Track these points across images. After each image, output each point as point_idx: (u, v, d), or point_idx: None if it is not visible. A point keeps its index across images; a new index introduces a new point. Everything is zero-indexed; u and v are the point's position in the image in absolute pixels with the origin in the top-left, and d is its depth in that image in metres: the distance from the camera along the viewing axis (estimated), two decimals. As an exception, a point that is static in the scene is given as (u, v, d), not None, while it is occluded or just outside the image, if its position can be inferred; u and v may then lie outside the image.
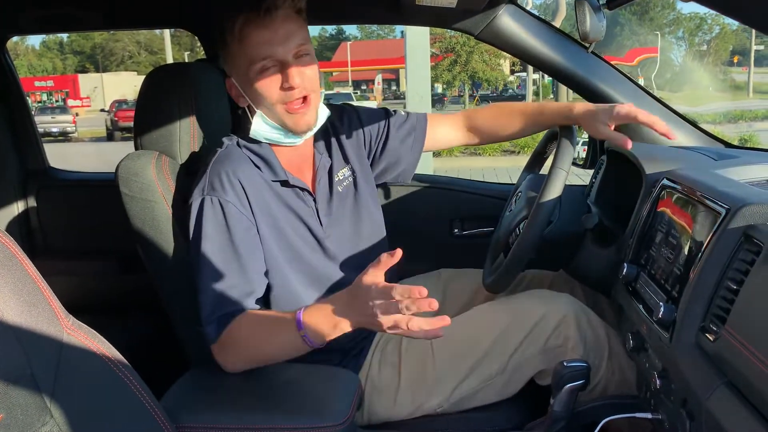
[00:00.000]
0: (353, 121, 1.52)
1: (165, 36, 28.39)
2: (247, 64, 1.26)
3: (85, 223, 2.14)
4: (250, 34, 1.24)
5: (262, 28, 1.23)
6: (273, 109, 1.29)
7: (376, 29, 66.33)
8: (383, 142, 1.54)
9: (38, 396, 0.77)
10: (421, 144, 1.58)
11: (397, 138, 1.55)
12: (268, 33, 1.24)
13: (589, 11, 1.48)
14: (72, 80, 44.36)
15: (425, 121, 1.59)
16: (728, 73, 43.47)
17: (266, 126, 1.32)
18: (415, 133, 1.57)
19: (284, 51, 1.25)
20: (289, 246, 1.32)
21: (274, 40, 1.24)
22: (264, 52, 1.24)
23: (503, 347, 1.33)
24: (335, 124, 1.48)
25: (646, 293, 1.11)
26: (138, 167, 1.32)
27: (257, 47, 1.24)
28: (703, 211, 0.99)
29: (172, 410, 1.02)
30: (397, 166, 1.58)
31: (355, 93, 32.40)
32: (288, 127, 1.30)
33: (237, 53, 1.27)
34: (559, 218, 1.35)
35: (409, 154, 1.57)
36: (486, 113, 1.60)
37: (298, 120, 1.30)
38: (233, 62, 1.30)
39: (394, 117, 1.56)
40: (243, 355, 1.19)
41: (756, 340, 0.76)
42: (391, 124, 1.55)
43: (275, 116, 1.30)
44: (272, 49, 1.24)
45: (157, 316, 1.52)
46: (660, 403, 1.06)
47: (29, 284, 0.78)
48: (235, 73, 1.32)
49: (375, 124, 1.55)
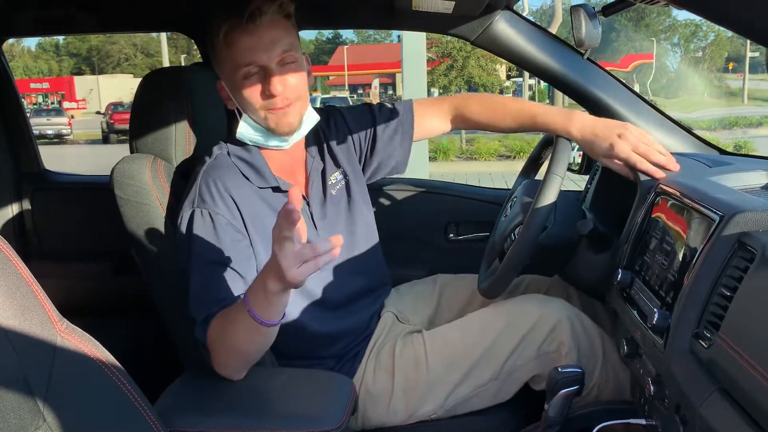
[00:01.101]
0: (340, 125, 1.52)
1: (162, 39, 28.39)
2: (232, 69, 1.27)
3: (79, 226, 2.13)
4: (236, 40, 1.24)
5: (246, 34, 1.23)
6: (258, 114, 1.29)
7: (373, 34, 66.39)
8: (371, 142, 1.53)
9: (31, 400, 0.77)
10: (409, 137, 1.55)
11: (385, 136, 1.53)
12: (253, 39, 1.23)
13: (584, 18, 1.48)
14: (68, 82, 44.33)
15: (411, 113, 1.56)
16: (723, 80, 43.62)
17: (250, 129, 1.32)
18: (402, 128, 1.54)
19: (268, 57, 1.24)
20: None
21: (258, 46, 1.24)
22: (248, 58, 1.24)
23: (497, 353, 1.33)
24: (323, 128, 1.48)
25: (640, 299, 1.11)
26: (133, 170, 1.32)
27: (241, 53, 1.24)
28: (698, 218, 0.99)
29: (166, 414, 1.02)
30: (390, 162, 1.56)
31: (352, 97, 32.41)
32: (270, 128, 1.30)
33: (224, 58, 1.28)
34: (554, 224, 1.35)
35: (399, 149, 1.56)
36: (477, 106, 1.54)
37: (280, 120, 1.29)
38: (221, 66, 1.31)
39: (379, 114, 1.54)
40: (223, 353, 1.17)
41: (749, 346, 0.76)
42: (378, 123, 1.53)
43: (259, 119, 1.30)
44: (256, 55, 1.24)
45: (151, 319, 1.52)
46: (654, 409, 1.06)
47: (23, 287, 0.78)
48: (224, 77, 1.32)
49: (362, 125, 1.53)
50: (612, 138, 1.31)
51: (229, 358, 1.18)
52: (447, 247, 2.03)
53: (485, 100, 1.56)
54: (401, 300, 1.59)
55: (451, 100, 1.59)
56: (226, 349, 1.17)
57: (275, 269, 0.99)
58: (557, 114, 1.40)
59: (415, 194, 2.02)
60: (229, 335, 1.14)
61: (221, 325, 1.16)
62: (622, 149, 1.30)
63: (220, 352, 1.17)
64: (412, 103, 1.58)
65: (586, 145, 1.36)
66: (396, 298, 1.58)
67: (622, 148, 1.30)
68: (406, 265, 1.89)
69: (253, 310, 1.07)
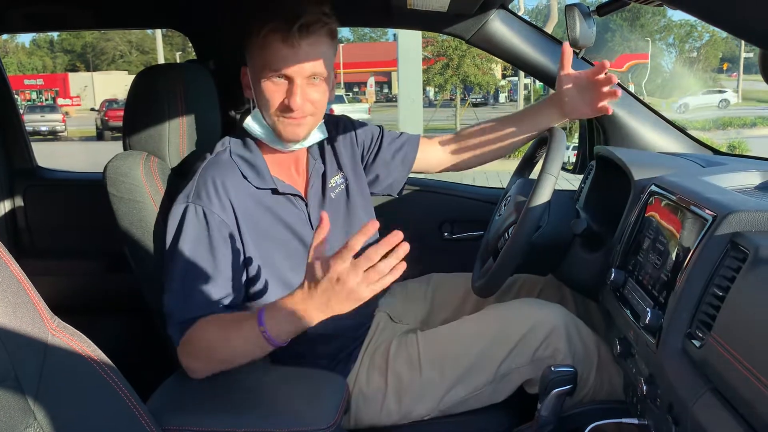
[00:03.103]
0: (348, 131, 1.53)
1: (157, 36, 28.33)
2: (262, 66, 1.25)
3: (72, 224, 2.13)
4: (274, 44, 1.22)
5: (287, 44, 1.21)
6: (270, 115, 1.29)
7: (368, 32, 66.35)
8: (375, 153, 1.55)
9: (22, 398, 0.77)
10: (411, 160, 1.58)
11: (389, 151, 1.56)
12: (291, 51, 1.22)
13: (579, 17, 1.48)
14: (62, 79, 44.15)
15: (417, 139, 1.60)
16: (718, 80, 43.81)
17: (257, 125, 1.32)
18: (406, 148, 1.58)
19: (299, 73, 1.24)
20: (276, 258, 1.31)
21: (294, 60, 1.22)
22: (280, 66, 1.23)
23: (492, 357, 1.33)
24: (331, 132, 1.48)
25: (633, 299, 1.11)
26: (126, 168, 1.31)
27: (276, 59, 1.23)
28: (691, 218, 1.00)
29: (158, 412, 1.01)
30: (387, 178, 1.58)
31: (347, 95, 32.38)
32: (277, 131, 1.30)
33: (256, 53, 1.26)
34: (548, 223, 1.35)
35: (399, 168, 1.58)
36: (476, 138, 1.57)
37: (289, 129, 1.29)
38: (251, 58, 1.29)
39: (387, 132, 1.58)
40: (203, 356, 1.17)
41: (741, 346, 0.77)
42: (384, 137, 1.56)
43: (270, 120, 1.30)
44: (288, 67, 1.23)
45: (143, 317, 1.51)
46: (646, 409, 1.06)
47: (14, 285, 0.78)
48: (251, 67, 1.30)
49: (369, 135, 1.56)
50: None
51: (209, 364, 1.18)
52: (442, 245, 2.03)
53: (483, 129, 1.58)
54: (394, 299, 1.58)
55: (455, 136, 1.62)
56: (209, 354, 1.17)
57: (323, 299, 1.05)
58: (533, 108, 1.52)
59: (410, 193, 2.02)
60: (221, 343, 1.15)
61: (212, 331, 1.16)
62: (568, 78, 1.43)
63: (199, 356, 1.17)
64: (420, 135, 1.63)
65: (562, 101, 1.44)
66: (389, 298, 1.58)
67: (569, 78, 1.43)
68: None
69: (268, 332, 1.09)
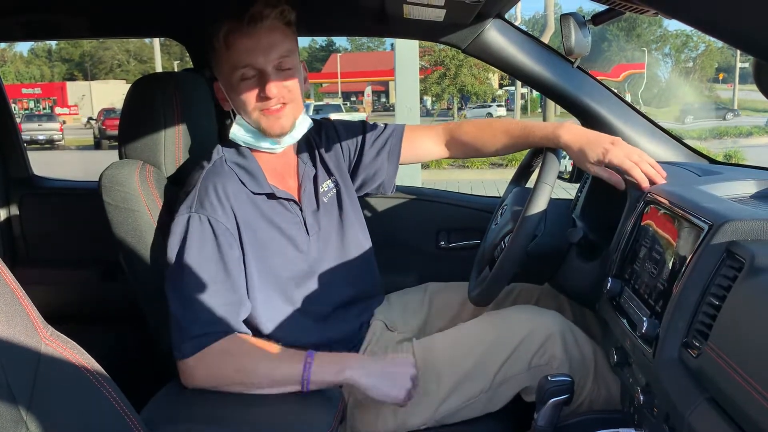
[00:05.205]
0: (331, 136, 1.53)
1: (154, 45, 28.36)
2: (230, 69, 1.29)
3: (68, 232, 2.12)
4: (235, 42, 1.27)
5: (246, 36, 1.26)
6: (251, 115, 1.31)
7: (366, 41, 66.80)
8: (358, 156, 1.55)
9: (14, 407, 0.76)
10: (397, 155, 1.57)
11: (372, 151, 1.55)
12: (251, 41, 1.26)
13: (574, 26, 1.49)
14: (60, 88, 44.19)
15: (401, 132, 1.58)
16: (713, 90, 44.03)
17: (242, 129, 1.34)
18: (390, 143, 1.56)
19: (265, 61, 1.27)
20: (271, 264, 1.31)
21: (257, 49, 1.27)
22: (245, 60, 1.27)
23: (488, 365, 1.32)
24: (315, 138, 1.49)
25: (629, 308, 1.11)
26: (122, 176, 1.31)
27: (239, 54, 1.27)
28: (687, 227, 1.00)
29: (152, 422, 1.01)
30: (376, 179, 1.58)
31: (345, 104, 32.46)
32: (262, 129, 1.32)
33: (223, 59, 1.30)
34: (544, 232, 1.35)
35: (386, 165, 1.57)
36: (469, 128, 1.58)
37: (273, 123, 1.31)
38: (219, 67, 1.33)
39: (370, 130, 1.57)
40: (221, 375, 1.18)
41: (738, 356, 0.76)
42: (366, 138, 1.56)
43: (252, 120, 1.32)
44: (253, 57, 1.27)
45: (138, 326, 1.51)
46: (643, 418, 1.06)
47: (7, 294, 0.77)
48: (221, 78, 1.34)
49: (351, 138, 1.56)
50: (605, 145, 1.31)
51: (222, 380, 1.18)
52: (438, 254, 2.03)
53: (477, 122, 1.60)
54: (391, 308, 1.58)
55: (445, 125, 1.62)
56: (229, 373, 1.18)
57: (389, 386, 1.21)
58: (548, 125, 1.41)
59: (406, 201, 2.02)
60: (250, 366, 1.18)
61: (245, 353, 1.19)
62: (615, 155, 1.29)
63: (220, 371, 1.18)
64: (405, 125, 1.61)
65: (579, 152, 1.35)
66: (386, 307, 1.58)
67: (616, 154, 1.29)
68: (397, 272, 1.89)
69: (309, 375, 1.17)
